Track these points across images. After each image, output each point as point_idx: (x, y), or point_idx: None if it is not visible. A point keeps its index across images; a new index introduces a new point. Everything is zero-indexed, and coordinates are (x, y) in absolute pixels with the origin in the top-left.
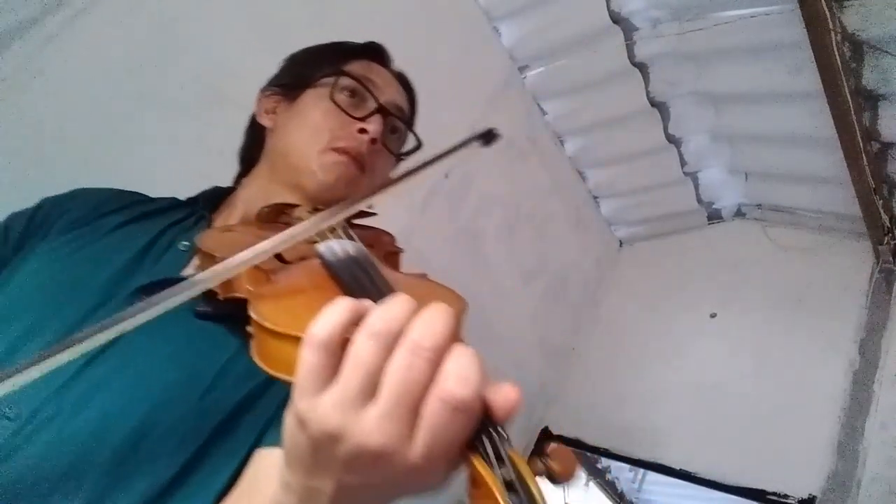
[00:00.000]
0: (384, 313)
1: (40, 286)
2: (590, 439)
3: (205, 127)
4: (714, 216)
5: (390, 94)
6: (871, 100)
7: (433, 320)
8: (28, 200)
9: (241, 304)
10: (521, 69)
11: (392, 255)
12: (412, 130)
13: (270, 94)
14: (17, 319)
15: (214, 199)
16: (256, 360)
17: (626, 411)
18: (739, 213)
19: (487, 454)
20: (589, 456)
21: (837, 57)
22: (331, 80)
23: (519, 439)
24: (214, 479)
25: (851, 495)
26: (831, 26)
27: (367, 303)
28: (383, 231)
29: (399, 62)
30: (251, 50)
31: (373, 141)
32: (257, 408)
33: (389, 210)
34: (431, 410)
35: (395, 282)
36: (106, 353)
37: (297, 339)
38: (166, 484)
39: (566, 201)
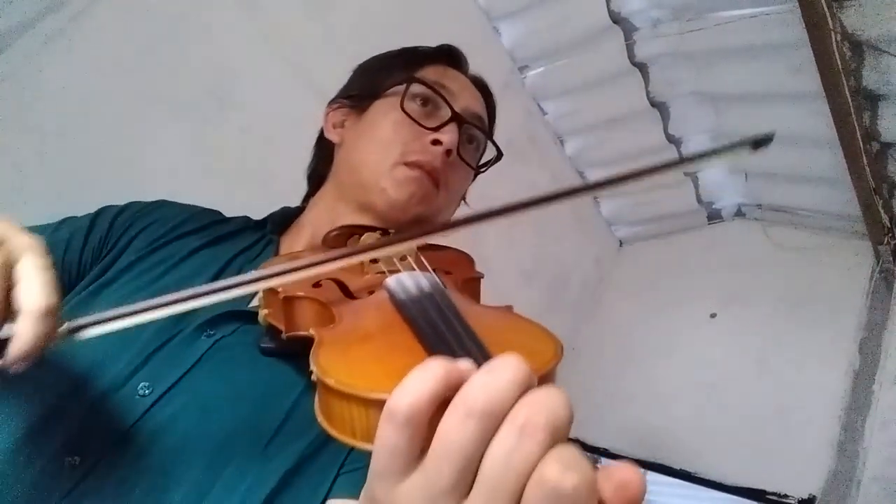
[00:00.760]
0: (487, 385)
1: None
2: (590, 439)
3: (205, 127)
4: (714, 216)
5: (466, 100)
6: (871, 100)
7: (551, 397)
8: (29, 200)
9: (306, 342)
10: (521, 69)
11: (471, 283)
12: (491, 139)
13: (338, 106)
14: (84, 356)
15: (283, 221)
16: (319, 418)
17: (626, 411)
18: (739, 213)
19: None
20: (589, 456)
21: (837, 57)
22: (401, 88)
23: None
24: None
25: (851, 495)
26: (831, 26)
27: (464, 365)
28: (461, 253)
29: None
30: (251, 50)
31: (447, 153)
32: (327, 453)
33: None
34: (533, 500)
35: (478, 321)
36: (172, 392)
37: (362, 401)
38: None
39: (566, 201)
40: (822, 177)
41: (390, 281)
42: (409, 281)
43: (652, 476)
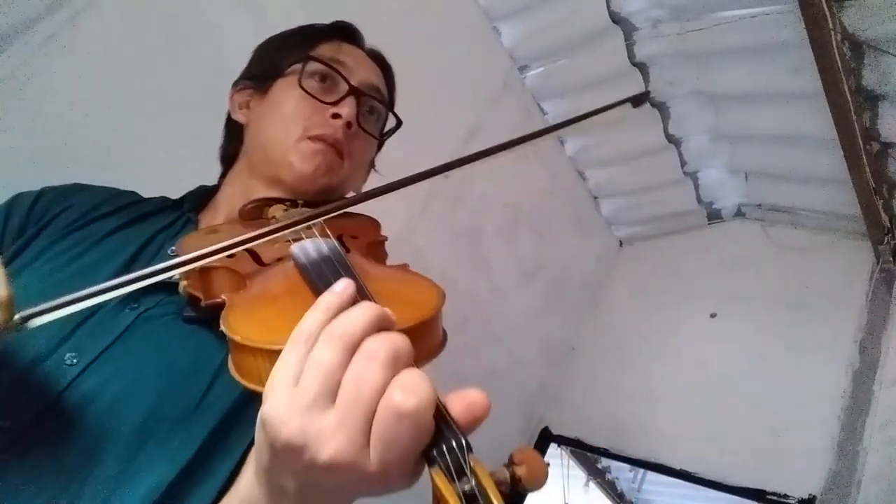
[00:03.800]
0: (344, 318)
1: (36, 300)
2: (590, 439)
3: (205, 127)
4: (714, 216)
5: (362, 74)
6: (871, 100)
7: (391, 333)
8: None
9: (223, 308)
10: (521, 69)
11: (375, 245)
12: (391, 109)
13: (241, 88)
14: None
15: (200, 200)
16: (231, 370)
17: (626, 411)
18: (739, 213)
19: (448, 466)
20: (589, 456)
21: (837, 57)
22: (299, 66)
23: (519, 439)
24: (213, 480)
25: (851, 495)
26: (831, 26)
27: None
28: (368, 218)
29: (399, 62)
30: (251, 50)
31: (348, 125)
32: (252, 408)
33: (389, 209)
34: (379, 419)
35: (372, 277)
36: (98, 362)
37: (265, 352)
38: (166, 487)
39: (566, 201)
40: (822, 177)
41: (294, 248)
42: (310, 247)
43: (652, 476)
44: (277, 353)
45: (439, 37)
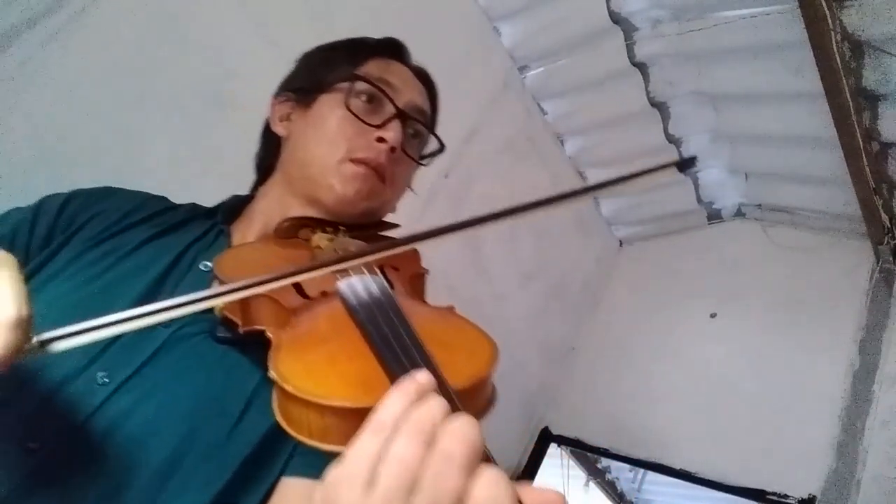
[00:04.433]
0: (424, 410)
1: (65, 313)
2: (590, 439)
3: (205, 127)
4: (714, 216)
5: (409, 95)
6: (871, 100)
7: (467, 428)
8: (28, 201)
9: (262, 334)
10: (521, 69)
11: (417, 278)
12: (434, 133)
13: (284, 99)
14: None
15: (233, 210)
16: (277, 416)
17: (625, 411)
18: (739, 213)
19: None
20: (589, 456)
21: (837, 57)
22: (346, 84)
23: (519, 439)
24: None
25: (851, 495)
26: (831, 26)
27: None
28: (409, 248)
29: None
30: (251, 50)
31: (392, 150)
32: (283, 440)
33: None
34: None
35: (422, 325)
36: (131, 382)
37: (318, 406)
38: None
39: (566, 201)
40: (822, 177)
41: (342, 286)
42: (359, 286)
43: (652, 476)
44: (328, 408)
45: (439, 37)
